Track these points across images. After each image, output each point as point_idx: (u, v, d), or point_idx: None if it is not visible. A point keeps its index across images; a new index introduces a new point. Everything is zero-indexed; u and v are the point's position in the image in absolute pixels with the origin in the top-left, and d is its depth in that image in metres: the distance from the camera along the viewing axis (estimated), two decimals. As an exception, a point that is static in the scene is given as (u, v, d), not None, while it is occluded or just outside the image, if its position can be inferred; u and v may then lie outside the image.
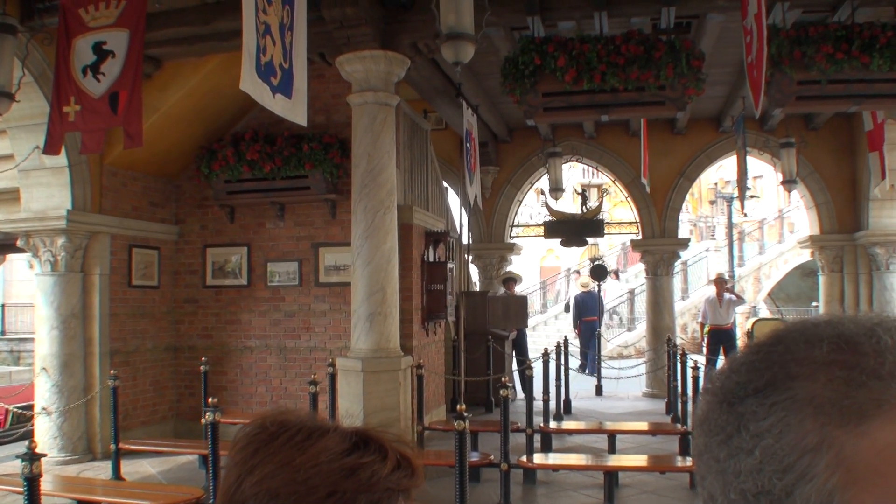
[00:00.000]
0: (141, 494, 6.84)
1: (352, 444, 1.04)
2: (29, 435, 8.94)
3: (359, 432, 1.07)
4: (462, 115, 10.71)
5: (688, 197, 16.76)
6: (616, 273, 27.53)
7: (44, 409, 9.42)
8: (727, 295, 14.79)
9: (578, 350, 17.95)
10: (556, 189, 13.97)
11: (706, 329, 14.63)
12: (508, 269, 16.16)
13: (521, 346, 14.94)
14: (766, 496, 0.72)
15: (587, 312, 18.46)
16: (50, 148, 7.36)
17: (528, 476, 8.27)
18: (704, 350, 14.81)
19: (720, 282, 15.10)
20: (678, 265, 19.83)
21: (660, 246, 14.74)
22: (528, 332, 17.01)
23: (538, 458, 8.37)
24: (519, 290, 15.91)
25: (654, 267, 14.81)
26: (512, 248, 16.09)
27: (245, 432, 1.09)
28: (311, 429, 1.06)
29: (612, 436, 9.53)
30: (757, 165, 17.78)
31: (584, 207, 15.41)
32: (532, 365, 10.16)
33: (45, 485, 5.71)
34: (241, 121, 10.95)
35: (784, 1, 7.80)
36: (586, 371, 17.26)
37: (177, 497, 6.63)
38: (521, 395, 13.38)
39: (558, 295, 31.08)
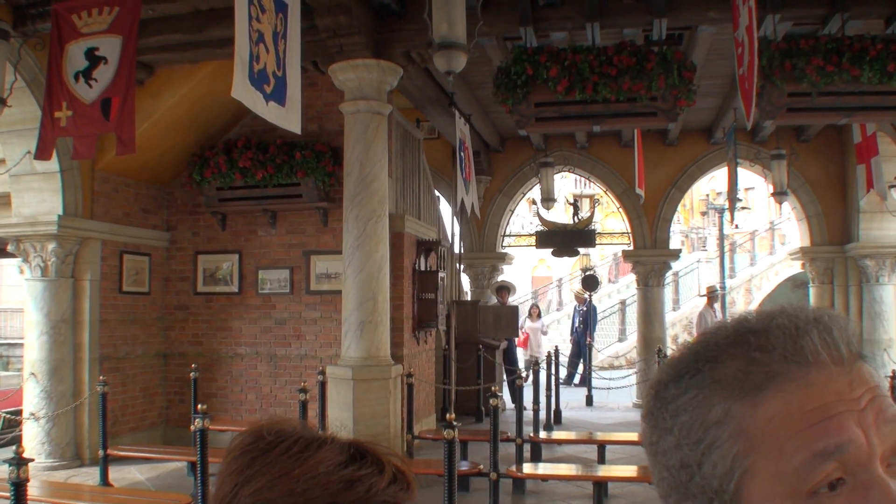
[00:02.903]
0: (129, 501, 6.81)
1: (349, 457, 1.04)
2: (17, 440, 8.90)
3: (354, 444, 1.07)
4: (455, 124, 10.73)
5: (679, 208, 16.82)
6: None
7: (32, 414, 9.39)
8: (717, 308, 14.88)
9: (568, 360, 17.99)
10: (548, 199, 13.98)
11: None
12: (501, 278, 16.17)
13: (510, 356, 14.93)
14: (686, 469, 0.84)
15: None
16: (41, 153, 7.35)
17: (517, 486, 8.26)
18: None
19: (712, 295, 15.16)
20: (669, 276, 19.83)
21: (651, 257, 14.76)
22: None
23: (527, 468, 8.35)
24: (511, 300, 15.90)
25: (646, 277, 14.83)
26: (503, 258, 16.10)
27: (240, 441, 1.08)
28: (308, 440, 1.05)
29: (601, 446, 9.52)
30: (748, 177, 17.88)
31: (575, 218, 15.44)
32: (522, 375, 10.16)
33: (32, 490, 5.69)
34: (234, 128, 10.96)
35: (775, 13, 7.84)
36: (572, 383, 17.38)
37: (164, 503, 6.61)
38: (510, 405, 13.39)
39: (549, 305, 31.09)
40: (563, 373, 16.59)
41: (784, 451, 0.79)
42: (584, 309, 18.37)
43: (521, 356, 17.23)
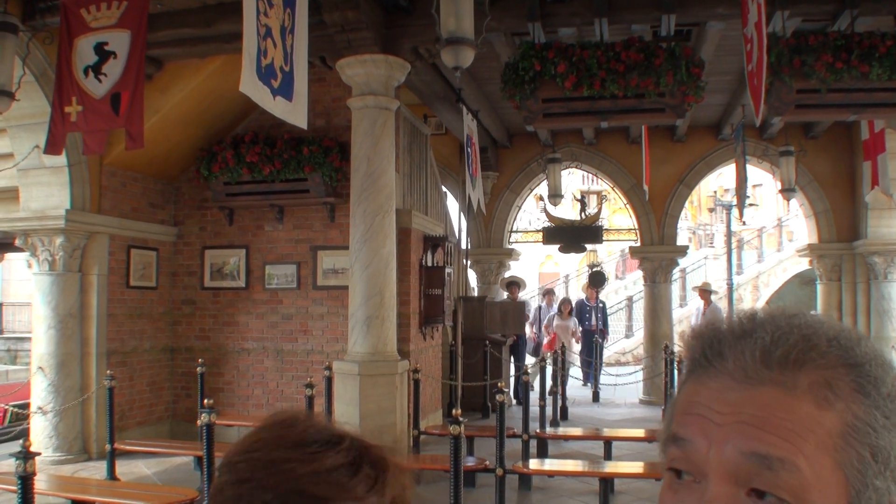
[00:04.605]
0: (135, 495, 6.83)
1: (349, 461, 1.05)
2: (25, 434, 8.93)
3: (361, 453, 1.08)
4: (462, 120, 10.72)
5: (687, 204, 16.77)
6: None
7: (40, 408, 9.42)
8: (713, 303, 14.88)
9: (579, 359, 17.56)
10: (556, 195, 13.95)
11: None
12: (508, 274, 16.12)
13: (518, 352, 14.90)
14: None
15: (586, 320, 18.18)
16: (51, 148, 7.36)
17: (523, 482, 8.26)
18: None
19: (705, 291, 15.16)
20: (676, 272, 19.79)
21: (658, 253, 14.73)
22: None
23: (534, 464, 8.36)
24: (521, 294, 15.83)
25: (653, 274, 14.81)
26: (510, 254, 16.08)
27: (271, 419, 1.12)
28: (320, 439, 1.07)
29: (608, 442, 9.52)
30: (756, 173, 17.79)
31: (582, 214, 15.41)
32: (529, 371, 10.15)
33: (40, 484, 5.71)
34: (242, 123, 10.97)
35: (784, 10, 7.81)
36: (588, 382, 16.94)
37: (171, 498, 6.63)
38: (515, 400, 13.37)
39: (557, 301, 30.99)
40: (574, 371, 16.36)
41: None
42: (600, 305, 17.85)
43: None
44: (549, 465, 8.78)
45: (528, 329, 16.62)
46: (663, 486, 0.89)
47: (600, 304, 17.58)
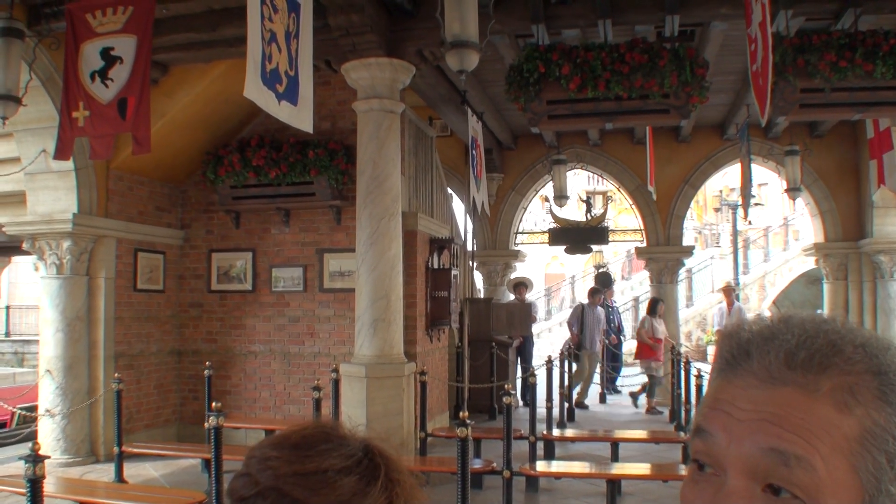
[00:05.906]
0: (143, 497, 6.85)
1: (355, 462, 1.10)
2: (32, 436, 8.96)
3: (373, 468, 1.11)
4: (467, 122, 10.73)
5: (692, 204, 16.74)
6: None
7: (47, 411, 9.45)
8: (736, 303, 14.81)
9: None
10: (561, 196, 13.97)
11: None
12: (514, 275, 16.09)
13: (526, 354, 14.86)
14: None
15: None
16: (60, 154, 7.39)
17: (530, 483, 8.27)
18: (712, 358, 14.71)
19: (728, 290, 15.11)
20: (683, 273, 19.76)
21: (664, 253, 14.72)
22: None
23: (541, 466, 8.35)
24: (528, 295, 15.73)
25: (659, 274, 14.80)
26: (516, 255, 16.08)
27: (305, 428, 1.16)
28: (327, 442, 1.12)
29: (615, 444, 9.52)
30: (761, 173, 17.80)
31: (588, 215, 15.40)
32: (535, 372, 10.14)
33: (48, 486, 5.74)
34: (248, 127, 11.00)
35: (787, 9, 7.81)
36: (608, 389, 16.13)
37: (179, 500, 6.65)
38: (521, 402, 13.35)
39: (563, 302, 31.00)
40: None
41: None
42: (612, 307, 17.16)
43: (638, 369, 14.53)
44: (556, 466, 8.78)
45: (567, 329, 15.88)
46: (686, 477, 0.92)
47: (613, 306, 17.26)
